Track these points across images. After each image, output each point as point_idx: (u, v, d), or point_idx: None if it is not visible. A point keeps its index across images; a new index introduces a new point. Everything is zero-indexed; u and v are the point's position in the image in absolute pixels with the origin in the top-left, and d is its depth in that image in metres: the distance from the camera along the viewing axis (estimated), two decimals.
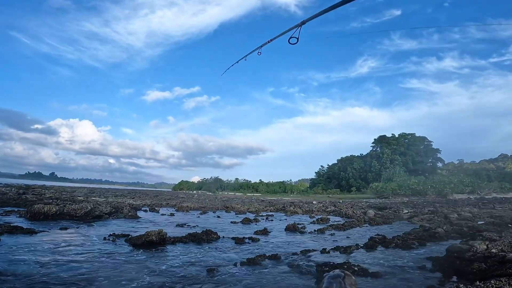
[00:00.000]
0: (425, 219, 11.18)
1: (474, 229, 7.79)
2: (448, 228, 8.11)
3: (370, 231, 9.26)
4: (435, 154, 74.55)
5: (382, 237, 6.83)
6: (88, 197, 22.44)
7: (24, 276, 3.83)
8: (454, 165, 76.90)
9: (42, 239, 6.30)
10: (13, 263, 4.37)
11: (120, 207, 12.97)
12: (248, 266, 4.83)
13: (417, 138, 76.80)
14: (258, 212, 16.26)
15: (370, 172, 73.87)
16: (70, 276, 3.92)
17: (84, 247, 5.78)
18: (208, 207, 18.38)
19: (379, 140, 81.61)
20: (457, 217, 11.04)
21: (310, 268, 4.72)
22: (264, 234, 8.28)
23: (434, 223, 9.65)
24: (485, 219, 10.48)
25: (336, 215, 15.86)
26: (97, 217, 10.23)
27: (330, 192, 71.16)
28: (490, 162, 73.61)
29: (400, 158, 71.52)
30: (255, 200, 34.36)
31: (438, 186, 42.91)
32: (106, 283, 3.76)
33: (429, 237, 7.04)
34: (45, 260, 4.62)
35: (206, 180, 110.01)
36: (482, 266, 3.50)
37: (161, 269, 4.53)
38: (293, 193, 79.44)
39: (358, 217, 13.28)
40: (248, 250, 6.25)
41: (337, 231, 9.21)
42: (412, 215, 13.39)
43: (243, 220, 11.33)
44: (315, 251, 6.02)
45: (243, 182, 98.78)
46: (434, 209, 16.16)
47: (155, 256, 5.37)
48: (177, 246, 6.44)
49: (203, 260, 5.25)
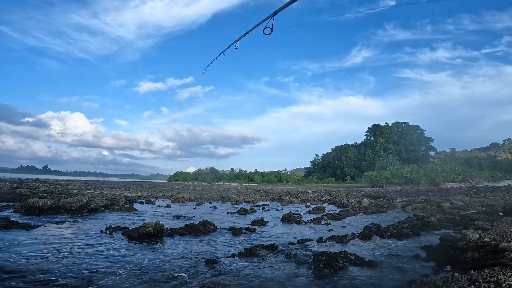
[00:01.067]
0: (418, 208, 11.39)
1: (466, 218, 7.96)
2: (441, 217, 8.28)
3: (365, 220, 9.42)
4: (428, 142, 75.63)
5: (377, 226, 6.95)
6: (82, 190, 22.31)
7: (24, 271, 3.82)
8: (446, 153, 78.13)
9: (38, 233, 6.26)
10: (12, 259, 4.35)
11: (115, 199, 12.93)
12: (246, 257, 4.88)
13: (410, 127, 77.66)
14: (254, 202, 16.39)
15: (364, 160, 74.73)
16: (70, 271, 3.92)
17: (81, 241, 5.77)
18: (204, 198, 18.45)
19: (373, 128, 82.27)
20: (449, 206, 11.26)
21: (307, 258, 4.79)
22: (260, 224, 8.36)
23: (427, 212, 9.84)
24: (476, 208, 10.71)
25: (332, 204, 16.07)
26: (92, 210, 10.19)
27: (325, 181, 71.92)
28: (481, 150, 74.95)
29: (393, 147, 72.40)
30: (251, 190, 34.59)
31: (430, 174, 43.63)
32: (105, 278, 3.77)
33: (422, 226, 7.18)
34: (43, 255, 4.60)
35: (202, 170, 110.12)
36: (475, 255, 3.58)
37: (159, 261, 4.55)
38: (288, 182, 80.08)
39: (353, 206, 13.47)
40: (245, 240, 6.32)
41: (332, 220, 9.34)
42: (405, 204, 13.63)
43: (240, 210, 11.41)
44: (312, 241, 6.10)
45: (239, 172, 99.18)
46: (427, 197, 16.47)
47: (153, 248, 5.39)
48: (174, 237, 6.48)
49: (201, 251, 5.29)
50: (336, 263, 4.25)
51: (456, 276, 2.71)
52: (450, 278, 2.73)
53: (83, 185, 32.24)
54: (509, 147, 70.29)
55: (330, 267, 4.12)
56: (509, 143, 72.76)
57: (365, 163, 73.61)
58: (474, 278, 2.60)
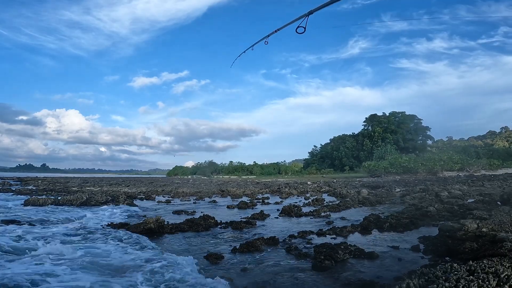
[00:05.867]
0: (416, 198, 11.48)
1: (464, 208, 8.03)
2: (439, 206, 8.35)
3: (364, 211, 9.50)
4: (425, 131, 75.77)
5: (376, 217, 7.00)
6: (82, 187, 22.34)
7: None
8: (443, 142, 78.48)
9: (42, 231, 6.28)
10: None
11: (115, 196, 12.96)
12: (247, 251, 4.93)
13: (407, 116, 77.67)
14: (253, 195, 16.47)
15: (363, 150, 74.93)
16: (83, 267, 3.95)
17: (83, 237, 5.79)
18: (203, 192, 18.52)
19: (370, 118, 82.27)
20: (447, 195, 11.36)
21: (308, 250, 4.84)
22: (261, 217, 8.41)
23: (425, 202, 9.92)
24: (474, 197, 10.81)
25: (331, 195, 16.18)
26: (93, 207, 10.22)
27: (324, 172, 72.16)
28: (478, 139, 75.33)
29: (391, 136, 72.51)
30: (250, 183, 34.72)
31: (428, 163, 43.88)
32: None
33: (421, 216, 7.25)
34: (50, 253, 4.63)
35: (200, 164, 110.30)
36: (474, 246, 3.63)
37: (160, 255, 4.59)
38: (287, 174, 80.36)
39: (352, 196, 13.56)
40: (246, 234, 6.37)
41: (332, 212, 9.41)
42: (404, 194, 13.73)
43: (240, 204, 11.46)
44: (312, 233, 6.16)
45: (238, 165, 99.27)
46: (425, 187, 16.58)
47: (155, 244, 5.42)
48: (175, 233, 6.53)
49: (202, 246, 5.35)
50: (337, 255, 4.30)
51: (455, 267, 2.75)
52: (449, 269, 2.77)
53: (82, 182, 32.26)
54: (506, 135, 70.70)
55: (331, 258, 4.17)
56: (506, 131, 73.12)
57: (363, 153, 73.83)
58: (473, 268, 2.64)
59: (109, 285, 3.34)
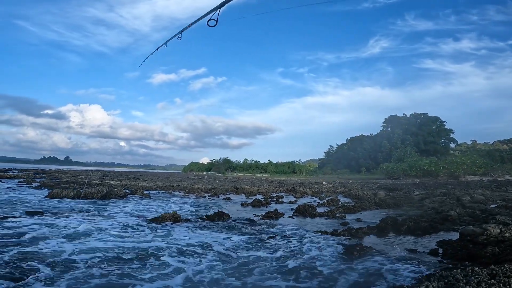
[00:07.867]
0: (437, 201, 11.13)
1: (486, 213, 7.74)
2: (460, 211, 8.07)
3: (381, 214, 9.31)
4: (448, 134, 73.05)
5: (394, 220, 6.84)
6: (102, 180, 23.14)
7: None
8: (467, 145, 75.51)
9: (66, 222, 6.58)
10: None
11: (134, 190, 13.36)
12: (260, 248, 4.97)
13: (429, 118, 75.15)
14: (268, 194, 16.49)
15: (380, 152, 73.14)
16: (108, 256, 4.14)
17: (104, 230, 6.03)
18: (218, 189, 18.72)
19: (390, 119, 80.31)
20: (469, 200, 10.96)
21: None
22: (275, 216, 8.40)
23: (446, 206, 9.61)
24: (497, 202, 10.38)
25: (346, 196, 15.96)
26: (113, 200, 10.59)
27: (340, 172, 71.05)
28: (504, 143, 71.81)
29: (411, 138, 70.41)
30: (265, 181, 34.75)
31: (450, 167, 42.37)
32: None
33: (441, 220, 7.03)
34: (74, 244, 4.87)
35: (215, 161, 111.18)
36: (496, 250, 3.51)
37: (176, 249, 4.72)
38: (302, 173, 79.81)
39: (368, 198, 13.32)
40: (260, 232, 6.40)
41: (347, 213, 9.27)
42: (423, 197, 13.33)
43: (254, 202, 11.51)
44: (326, 234, 6.11)
45: (252, 163, 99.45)
46: (446, 191, 16.05)
47: (170, 238, 5.56)
48: (190, 227, 6.65)
49: (217, 241, 5.43)
50: (352, 256, 4.27)
51: (476, 270, 2.68)
52: (470, 272, 2.70)
53: (102, 175, 33.38)
54: None
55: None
56: None
57: (381, 154, 72.05)
58: (494, 272, 2.56)
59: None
